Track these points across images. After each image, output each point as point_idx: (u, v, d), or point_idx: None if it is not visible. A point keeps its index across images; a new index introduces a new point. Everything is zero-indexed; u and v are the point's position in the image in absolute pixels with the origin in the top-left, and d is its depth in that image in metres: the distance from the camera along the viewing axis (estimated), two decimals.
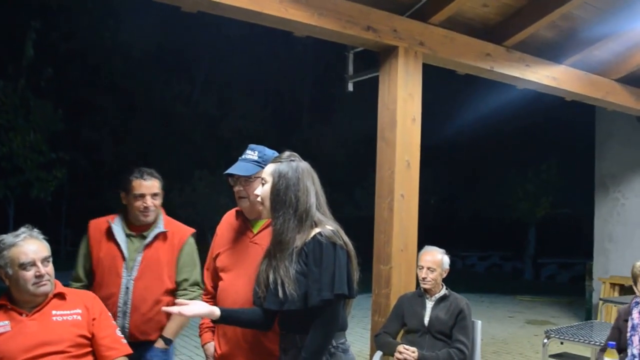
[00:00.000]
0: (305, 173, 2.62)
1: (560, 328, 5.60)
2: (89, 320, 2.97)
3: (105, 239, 3.64)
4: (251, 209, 3.00)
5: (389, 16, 4.89)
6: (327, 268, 2.44)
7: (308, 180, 2.61)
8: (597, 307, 9.14)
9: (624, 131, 9.71)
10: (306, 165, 2.66)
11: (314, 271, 2.45)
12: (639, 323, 4.03)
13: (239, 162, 3.02)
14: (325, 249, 2.47)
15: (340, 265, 2.46)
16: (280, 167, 2.61)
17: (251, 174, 2.95)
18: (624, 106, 7.34)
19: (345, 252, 2.53)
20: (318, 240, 2.48)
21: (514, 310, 13.18)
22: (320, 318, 2.46)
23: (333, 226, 2.56)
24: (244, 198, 2.99)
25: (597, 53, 6.34)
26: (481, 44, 5.57)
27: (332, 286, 2.42)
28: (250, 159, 3.00)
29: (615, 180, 10.11)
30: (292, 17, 4.38)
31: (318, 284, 2.43)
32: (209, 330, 3.22)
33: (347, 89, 5.79)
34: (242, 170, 2.97)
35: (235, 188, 3.00)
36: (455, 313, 4.19)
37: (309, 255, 2.48)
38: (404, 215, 4.91)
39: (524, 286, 19.16)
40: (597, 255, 10.40)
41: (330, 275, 2.44)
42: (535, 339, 9.47)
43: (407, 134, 4.95)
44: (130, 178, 3.61)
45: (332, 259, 2.46)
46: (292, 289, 2.47)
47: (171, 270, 3.69)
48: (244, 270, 2.90)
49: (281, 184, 2.58)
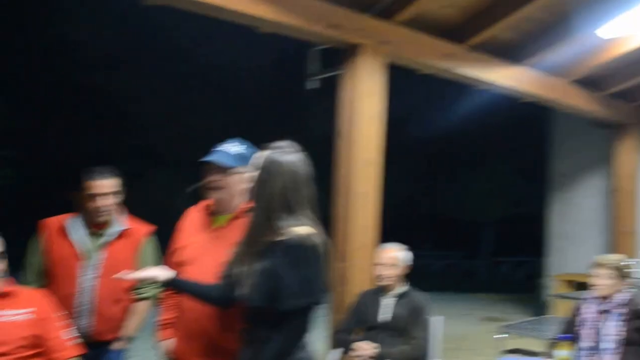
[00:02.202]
0: (286, 167, 2.48)
1: (514, 323, 5.71)
2: (40, 319, 2.90)
3: (60, 238, 3.58)
4: (223, 202, 2.95)
5: (354, 14, 4.90)
6: (300, 273, 2.38)
7: (287, 175, 2.46)
8: (550, 303, 9.32)
9: (578, 132, 9.91)
10: (295, 158, 2.52)
11: (287, 274, 2.37)
12: (591, 317, 4.17)
13: (219, 152, 2.94)
14: (298, 252, 2.39)
15: (313, 270, 2.41)
16: (262, 159, 2.51)
17: (232, 166, 2.88)
18: (578, 108, 7.50)
19: (318, 254, 2.44)
20: (292, 242, 2.40)
21: (470, 308, 13.34)
22: (291, 323, 2.41)
23: (308, 227, 2.46)
24: (217, 189, 2.92)
25: (554, 55, 6.45)
26: (443, 44, 5.63)
27: (305, 293, 2.38)
28: (232, 153, 2.93)
29: (568, 180, 10.32)
30: (256, 13, 4.37)
31: (291, 289, 2.36)
32: (167, 327, 3.15)
33: (309, 87, 5.78)
34: (223, 159, 2.89)
35: (211, 177, 2.92)
36: (413, 310, 4.22)
37: (281, 256, 2.40)
38: (363, 213, 4.93)
39: (480, 284, 19.40)
40: (550, 253, 10.61)
41: (303, 281, 2.38)
42: (491, 336, 9.49)
43: (368, 132, 4.97)
44: (86, 178, 3.55)
45: (306, 263, 2.40)
46: (257, 286, 2.42)
47: (132, 268, 3.63)
48: (205, 264, 2.83)
49: (261, 176, 2.49)
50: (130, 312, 3.69)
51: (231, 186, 2.91)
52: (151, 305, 3.78)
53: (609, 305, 4.11)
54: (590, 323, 4.15)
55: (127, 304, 3.67)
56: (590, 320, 4.16)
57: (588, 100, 7.52)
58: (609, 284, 4.10)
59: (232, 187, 2.91)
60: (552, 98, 7.00)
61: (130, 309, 3.70)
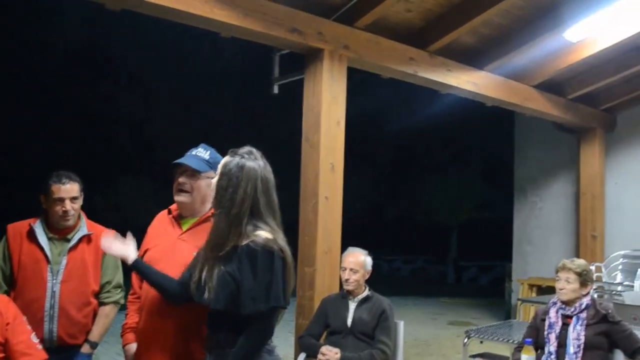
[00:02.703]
0: (250, 173, 2.52)
1: (480, 328, 5.72)
2: (2, 325, 2.86)
3: (26, 242, 3.53)
4: (189, 206, 3.00)
5: (315, 19, 4.90)
6: (263, 278, 2.41)
7: (250, 181, 2.51)
8: (515, 307, 9.39)
9: (542, 136, 10.00)
10: (256, 164, 2.55)
11: (248, 279, 2.41)
12: (555, 322, 4.18)
13: (189, 156, 3.01)
14: (260, 257, 2.42)
15: (276, 275, 2.43)
16: (227, 164, 2.56)
17: (201, 170, 2.94)
18: (541, 112, 7.58)
19: (282, 259, 2.48)
20: (253, 247, 2.43)
21: (436, 312, 13.42)
22: (254, 327, 2.43)
23: (271, 233, 2.49)
24: (185, 192, 2.98)
25: (516, 60, 6.52)
26: (405, 49, 5.65)
27: (267, 297, 2.40)
28: (202, 157, 3.00)
29: (533, 185, 10.41)
30: (218, 17, 4.35)
31: (252, 293, 2.40)
32: (130, 331, 3.16)
33: (272, 91, 5.78)
34: (193, 163, 2.95)
35: (180, 179, 2.98)
36: (378, 314, 4.23)
37: (243, 260, 2.43)
38: (328, 218, 4.94)
39: (447, 289, 19.56)
40: (516, 257, 10.69)
41: (265, 285, 2.40)
42: (457, 340, 9.64)
43: (331, 137, 4.98)
44: (50, 182, 3.52)
45: (269, 268, 2.42)
46: (218, 289, 2.44)
47: (96, 273, 3.65)
48: (169, 267, 2.85)
49: (222, 182, 2.54)
50: (96, 316, 3.68)
51: (199, 190, 2.97)
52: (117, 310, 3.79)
53: (573, 309, 4.13)
54: (554, 327, 4.17)
55: (93, 308, 3.66)
56: (555, 325, 4.18)
57: (551, 104, 7.60)
58: (574, 288, 4.12)
59: (200, 190, 2.98)
60: (515, 102, 7.07)
61: (96, 314, 3.68)
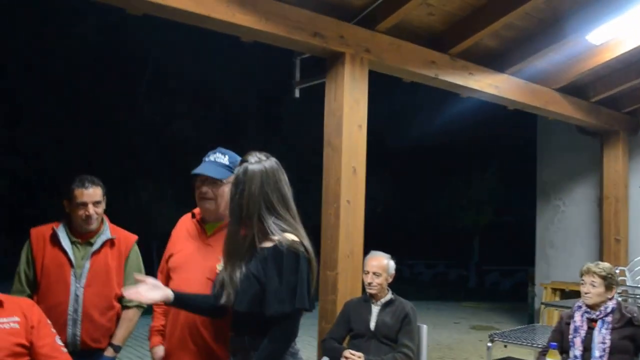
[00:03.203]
0: (254, 174, 2.51)
1: (504, 332, 5.69)
2: (27, 328, 2.86)
3: (50, 246, 3.54)
4: (214, 212, 3.01)
5: (336, 23, 4.91)
6: (289, 279, 2.40)
7: (255, 181, 2.50)
8: (539, 311, 9.32)
9: (564, 140, 9.93)
10: (260, 165, 2.54)
11: (274, 280, 2.41)
12: (580, 325, 4.15)
13: (208, 164, 3.00)
14: (286, 258, 2.42)
15: (302, 277, 2.43)
16: (237, 171, 2.58)
17: (222, 178, 2.94)
18: (563, 115, 7.52)
19: (307, 260, 2.48)
20: (279, 248, 2.43)
21: (459, 317, 13.34)
22: (278, 329, 2.42)
23: (293, 231, 2.50)
24: (209, 200, 2.98)
25: (538, 63, 6.49)
26: (426, 52, 5.64)
27: (293, 299, 2.40)
28: (221, 163, 2.99)
29: (556, 188, 10.34)
30: (239, 22, 4.36)
31: (278, 295, 2.39)
32: (157, 334, 3.18)
33: (294, 95, 5.79)
34: (214, 172, 2.95)
35: (202, 189, 2.98)
36: (401, 317, 4.22)
37: (269, 261, 2.43)
38: (350, 222, 4.93)
39: (469, 293, 19.43)
40: (538, 261, 10.62)
41: (291, 287, 2.40)
42: (480, 344, 9.59)
43: (353, 141, 4.97)
44: (72, 187, 3.52)
45: (295, 269, 2.42)
46: (241, 291, 2.45)
47: (119, 277, 3.66)
48: (194, 272, 2.89)
49: (231, 191, 2.57)
50: (119, 320, 3.68)
51: (222, 196, 2.97)
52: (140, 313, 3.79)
53: (599, 313, 4.10)
54: (580, 331, 4.14)
55: (116, 312, 3.66)
56: (580, 329, 4.15)
57: (574, 107, 7.54)
58: (599, 292, 4.09)
59: (224, 197, 2.96)
60: (537, 105, 7.03)
61: (119, 317, 3.69)
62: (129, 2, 4.05)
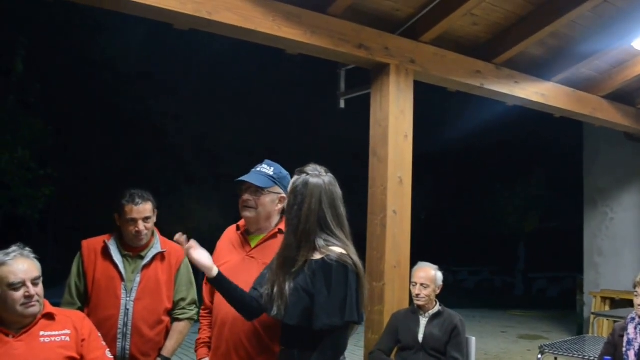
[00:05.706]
0: (314, 189, 2.55)
1: (554, 343, 5.61)
2: (77, 341, 2.88)
3: (101, 259, 3.57)
4: (255, 221, 3.03)
5: (381, 34, 4.93)
6: (338, 293, 2.42)
7: (314, 197, 2.54)
8: (588, 321, 9.17)
9: (611, 146, 9.79)
10: (320, 180, 2.59)
11: (323, 293, 2.42)
12: (634, 338, 4.07)
13: (254, 173, 3.04)
14: (335, 271, 2.43)
15: (350, 289, 2.44)
16: (293, 183, 2.62)
17: (265, 187, 2.98)
18: (611, 122, 7.41)
19: (356, 274, 2.49)
20: (327, 262, 2.44)
21: (506, 325, 13.19)
22: (327, 343, 2.43)
23: (343, 247, 2.51)
24: (250, 208, 3.00)
25: (584, 70, 6.42)
26: (471, 62, 5.62)
27: (342, 312, 2.40)
28: (266, 173, 3.03)
29: (603, 195, 10.18)
30: (285, 35, 4.40)
31: (327, 308, 2.40)
32: (204, 346, 3.19)
33: (339, 106, 5.83)
34: (257, 180, 2.99)
35: (244, 196, 3.01)
36: (450, 329, 4.19)
37: (317, 275, 2.44)
38: (397, 232, 4.92)
39: (515, 301, 19.19)
40: (587, 269, 10.45)
41: (340, 300, 2.41)
42: (528, 354, 9.48)
43: (399, 151, 4.98)
44: (122, 202, 3.53)
45: (344, 282, 2.44)
46: (291, 305, 2.47)
47: (170, 290, 3.66)
48: (238, 284, 2.83)
49: (290, 200, 2.61)
50: (169, 332, 3.70)
51: (264, 206, 3.00)
52: (191, 326, 3.80)
53: None
54: (633, 344, 4.06)
55: (165, 326, 3.67)
56: (634, 341, 4.07)
57: (621, 114, 7.43)
58: None
59: (265, 207, 3.00)
60: (584, 113, 6.93)
61: (168, 331, 3.70)
62: (176, 18, 4.09)
